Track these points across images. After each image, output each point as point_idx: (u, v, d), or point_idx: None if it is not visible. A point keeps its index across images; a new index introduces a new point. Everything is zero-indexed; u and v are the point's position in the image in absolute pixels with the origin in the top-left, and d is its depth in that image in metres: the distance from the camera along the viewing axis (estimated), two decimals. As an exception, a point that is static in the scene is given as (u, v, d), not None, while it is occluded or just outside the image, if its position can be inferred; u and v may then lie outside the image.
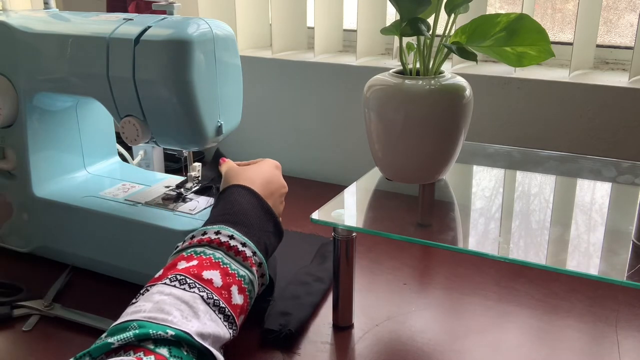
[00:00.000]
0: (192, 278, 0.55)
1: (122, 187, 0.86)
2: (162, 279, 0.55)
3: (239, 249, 0.60)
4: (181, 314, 0.51)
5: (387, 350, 0.66)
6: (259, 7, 1.24)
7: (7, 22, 0.79)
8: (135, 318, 0.50)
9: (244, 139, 1.22)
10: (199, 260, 0.57)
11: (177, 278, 0.54)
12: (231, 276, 0.57)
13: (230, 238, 0.60)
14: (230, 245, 0.60)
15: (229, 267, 0.58)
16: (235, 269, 0.58)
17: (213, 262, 0.57)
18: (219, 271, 0.57)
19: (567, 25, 1.09)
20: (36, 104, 0.82)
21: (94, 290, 0.78)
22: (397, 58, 0.93)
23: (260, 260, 0.62)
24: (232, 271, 0.58)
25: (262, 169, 0.72)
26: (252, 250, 0.61)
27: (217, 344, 0.53)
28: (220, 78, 0.74)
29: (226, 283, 0.56)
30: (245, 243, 0.61)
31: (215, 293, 0.55)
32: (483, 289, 0.78)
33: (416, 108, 0.65)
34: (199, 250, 0.59)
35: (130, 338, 0.47)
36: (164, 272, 0.57)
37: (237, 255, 0.60)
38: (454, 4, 0.65)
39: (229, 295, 0.56)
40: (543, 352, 0.65)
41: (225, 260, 0.58)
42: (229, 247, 0.60)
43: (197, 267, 0.56)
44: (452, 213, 0.72)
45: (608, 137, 0.92)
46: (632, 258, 0.58)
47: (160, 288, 0.54)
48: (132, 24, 0.73)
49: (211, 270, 0.56)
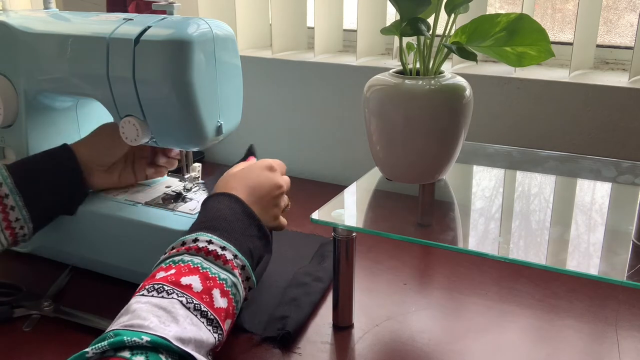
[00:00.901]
0: (170, 285, 0.53)
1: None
2: (140, 290, 0.54)
3: (218, 253, 0.59)
4: (159, 319, 0.50)
5: (387, 350, 0.66)
6: (259, 7, 1.24)
7: (7, 22, 0.79)
8: (112, 328, 0.49)
9: (244, 139, 1.21)
10: (177, 268, 0.56)
11: (154, 287, 0.53)
12: (212, 280, 0.56)
13: (209, 243, 0.59)
14: (208, 250, 0.58)
15: (208, 271, 0.56)
16: (216, 272, 0.57)
17: (192, 268, 0.56)
18: (198, 276, 0.55)
19: (567, 25, 1.09)
20: (36, 104, 0.82)
21: (94, 290, 0.78)
22: (397, 58, 0.93)
23: (243, 263, 0.60)
24: (212, 275, 0.56)
25: (247, 174, 0.71)
26: (233, 253, 0.60)
27: (201, 349, 0.51)
28: (220, 78, 0.74)
29: (207, 287, 0.55)
30: (225, 247, 0.60)
31: (195, 297, 0.53)
32: (483, 289, 0.78)
33: (416, 108, 0.65)
34: (177, 259, 0.57)
35: (105, 347, 0.46)
36: (142, 284, 0.55)
37: (217, 259, 0.58)
38: (454, 4, 0.65)
39: (210, 299, 0.55)
40: (543, 352, 0.65)
41: (205, 264, 0.57)
42: (207, 252, 0.58)
43: (175, 275, 0.55)
44: (452, 213, 0.72)
45: (608, 137, 0.92)
46: (632, 258, 0.58)
47: (138, 299, 0.53)
48: (132, 24, 0.73)
49: (190, 275, 0.55)
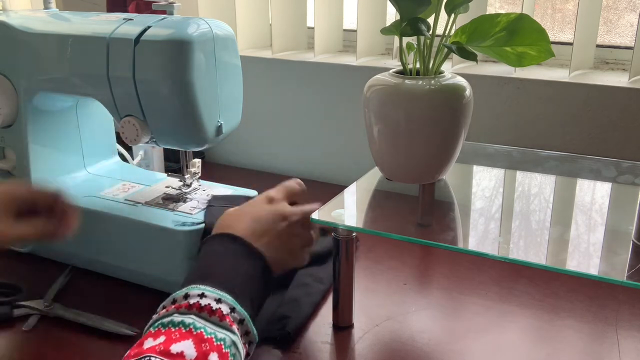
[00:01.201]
0: (158, 356, 0.46)
1: (122, 187, 0.86)
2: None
3: (212, 308, 0.52)
4: None
5: (387, 350, 0.66)
6: (259, 7, 1.24)
7: (7, 22, 0.79)
8: None
9: (244, 139, 1.22)
10: (166, 334, 0.49)
11: None
12: (207, 342, 0.49)
13: (201, 297, 0.52)
14: (201, 306, 0.51)
15: (203, 332, 0.50)
16: (212, 332, 0.50)
17: (183, 332, 0.49)
18: (191, 340, 0.48)
19: (567, 25, 1.09)
20: (36, 104, 0.82)
21: (94, 290, 0.78)
22: (397, 58, 0.93)
23: (241, 317, 0.54)
24: (207, 336, 0.49)
25: (246, 209, 0.65)
26: (230, 305, 0.53)
27: None
28: (220, 78, 0.74)
29: (202, 352, 0.48)
30: (220, 298, 0.53)
31: None
32: (483, 289, 0.78)
33: (416, 108, 0.65)
34: (167, 321, 0.50)
35: None
36: (129, 352, 0.49)
37: (212, 314, 0.51)
38: (454, 4, 0.65)
39: None
40: (543, 352, 0.65)
41: (198, 324, 0.50)
42: (199, 308, 0.51)
43: (165, 343, 0.48)
44: (452, 213, 0.72)
45: (608, 137, 0.92)
46: (632, 258, 0.58)
47: None
48: (132, 24, 0.73)
49: (181, 341, 0.48)
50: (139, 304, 0.74)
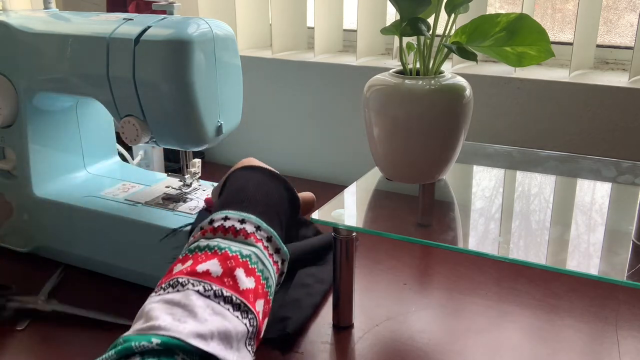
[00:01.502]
0: (184, 277, 0.48)
1: (122, 187, 0.86)
2: (157, 288, 0.50)
3: (236, 228, 0.53)
4: (172, 317, 0.45)
5: (387, 350, 0.66)
6: (259, 7, 1.24)
7: (7, 22, 0.79)
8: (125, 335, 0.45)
9: (244, 139, 1.22)
10: (193, 258, 0.51)
11: (169, 284, 0.49)
12: (232, 259, 0.50)
13: (225, 219, 0.53)
14: (225, 227, 0.53)
15: (228, 251, 0.51)
16: (237, 249, 0.51)
17: (209, 254, 0.51)
18: (216, 259, 0.50)
19: (567, 25, 1.09)
20: (36, 104, 0.82)
21: (94, 290, 0.78)
22: (397, 58, 0.93)
23: (268, 234, 0.54)
24: (232, 253, 0.50)
25: (247, 159, 0.66)
26: (254, 224, 0.54)
27: (231, 341, 0.46)
28: (220, 78, 0.74)
29: (227, 268, 0.49)
30: (244, 219, 0.54)
31: (214, 283, 0.48)
32: (483, 289, 0.78)
33: (416, 108, 0.65)
34: (193, 247, 0.52)
35: (113, 356, 0.41)
36: (160, 282, 0.51)
37: (236, 235, 0.52)
38: (454, 4, 0.65)
39: (233, 281, 0.49)
40: (543, 352, 0.65)
41: (222, 244, 0.51)
42: (224, 230, 0.53)
43: (192, 265, 0.50)
44: (452, 213, 0.72)
45: (608, 137, 0.92)
46: (632, 258, 0.58)
47: (151, 299, 0.49)
48: (132, 24, 0.73)
49: (206, 261, 0.50)
50: (139, 303, 0.74)
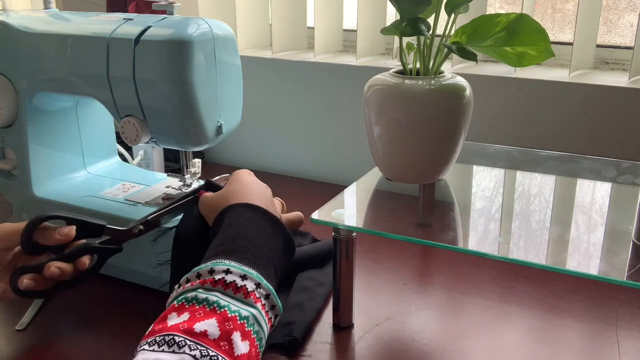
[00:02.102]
0: (181, 335, 0.46)
1: (122, 187, 0.86)
2: (150, 336, 0.48)
3: (237, 285, 0.51)
4: None
5: (387, 350, 0.66)
6: (259, 7, 1.24)
7: (7, 22, 0.79)
8: None
9: (244, 139, 1.22)
10: (190, 311, 0.49)
11: (165, 340, 0.46)
12: (231, 321, 0.49)
13: (226, 272, 0.52)
14: (226, 283, 0.51)
15: (227, 310, 0.49)
16: (236, 310, 0.50)
17: (207, 311, 0.49)
18: (214, 318, 0.48)
19: (567, 25, 1.09)
20: (36, 104, 0.82)
21: (93, 289, 0.78)
22: (397, 58, 0.93)
23: (267, 292, 0.53)
24: (231, 314, 0.49)
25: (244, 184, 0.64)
26: (255, 281, 0.52)
27: None
28: (220, 78, 0.74)
29: (225, 331, 0.48)
30: (246, 275, 0.52)
31: (211, 347, 0.46)
32: (483, 289, 0.78)
33: (416, 108, 0.65)
34: (190, 297, 0.50)
35: None
36: (153, 327, 0.49)
37: (237, 292, 0.51)
38: (454, 4, 0.65)
39: (229, 345, 0.47)
40: (543, 352, 0.65)
41: (222, 302, 0.50)
42: (225, 285, 0.51)
43: (188, 321, 0.48)
44: (452, 213, 0.72)
45: (608, 137, 0.92)
46: (632, 258, 0.58)
47: (145, 355, 0.46)
48: (132, 24, 0.73)
49: (205, 320, 0.48)
50: (139, 303, 0.74)
